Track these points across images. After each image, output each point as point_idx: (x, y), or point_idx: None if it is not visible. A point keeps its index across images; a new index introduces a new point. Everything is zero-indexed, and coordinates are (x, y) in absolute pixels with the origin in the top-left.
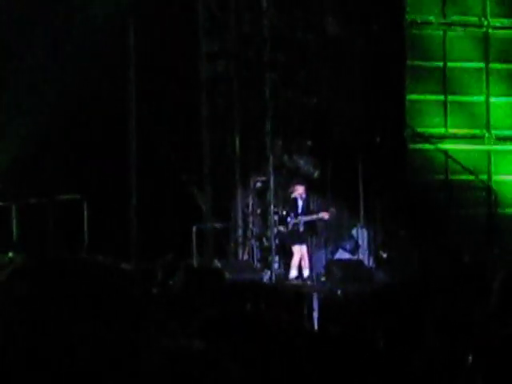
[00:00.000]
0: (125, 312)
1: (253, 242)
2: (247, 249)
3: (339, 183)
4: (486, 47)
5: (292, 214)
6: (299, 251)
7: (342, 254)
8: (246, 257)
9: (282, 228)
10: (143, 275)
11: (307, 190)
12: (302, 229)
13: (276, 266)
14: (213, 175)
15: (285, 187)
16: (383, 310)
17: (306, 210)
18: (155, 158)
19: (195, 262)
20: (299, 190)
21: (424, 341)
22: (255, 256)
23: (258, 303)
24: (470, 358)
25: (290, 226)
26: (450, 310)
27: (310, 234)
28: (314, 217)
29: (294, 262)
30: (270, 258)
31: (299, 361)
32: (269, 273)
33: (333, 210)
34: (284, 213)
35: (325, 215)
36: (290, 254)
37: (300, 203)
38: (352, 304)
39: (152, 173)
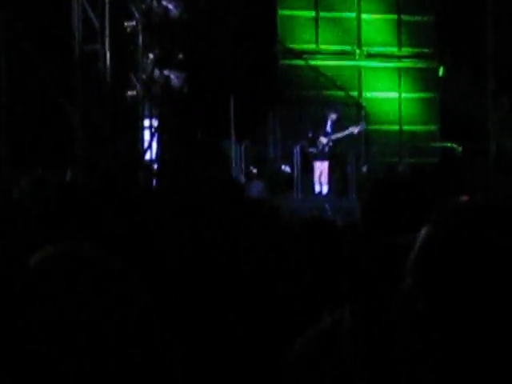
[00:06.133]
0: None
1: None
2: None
3: (209, 99)
4: None
5: (322, 134)
6: (319, 167)
7: None
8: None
9: (312, 149)
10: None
11: (340, 116)
12: (327, 148)
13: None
14: (83, 90)
15: (156, 102)
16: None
17: (336, 130)
18: (27, 74)
19: (67, 177)
20: (333, 116)
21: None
22: None
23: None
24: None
25: (320, 147)
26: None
27: (334, 151)
28: (345, 132)
29: (316, 177)
30: (140, 173)
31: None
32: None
33: (362, 123)
34: (310, 135)
35: (355, 129)
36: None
37: (329, 123)
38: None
39: (24, 89)
